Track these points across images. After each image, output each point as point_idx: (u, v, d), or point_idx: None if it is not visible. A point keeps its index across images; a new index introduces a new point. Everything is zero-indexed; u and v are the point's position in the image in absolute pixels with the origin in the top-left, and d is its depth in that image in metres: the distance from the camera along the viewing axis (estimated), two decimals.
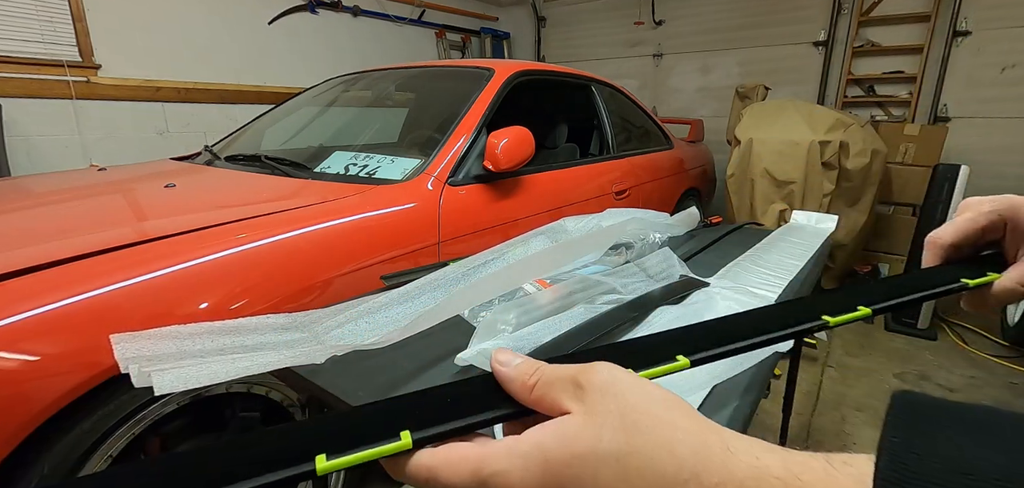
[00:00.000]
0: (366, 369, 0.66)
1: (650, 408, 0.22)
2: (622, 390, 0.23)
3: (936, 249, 0.41)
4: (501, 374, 0.26)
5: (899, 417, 0.19)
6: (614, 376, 0.24)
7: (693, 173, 3.03)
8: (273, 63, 3.71)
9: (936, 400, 0.20)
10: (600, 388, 0.23)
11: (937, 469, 0.17)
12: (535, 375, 0.25)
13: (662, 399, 0.23)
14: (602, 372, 0.24)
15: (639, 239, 1.05)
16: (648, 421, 0.22)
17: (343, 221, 1.24)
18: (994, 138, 3.42)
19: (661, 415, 0.22)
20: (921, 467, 0.17)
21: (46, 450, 0.82)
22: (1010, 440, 0.17)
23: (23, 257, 0.88)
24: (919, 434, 0.18)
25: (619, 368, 0.24)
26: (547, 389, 0.24)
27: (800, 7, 4.04)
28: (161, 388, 0.45)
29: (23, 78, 2.58)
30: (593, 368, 0.24)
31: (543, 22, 5.51)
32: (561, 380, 0.24)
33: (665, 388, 0.24)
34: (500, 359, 0.27)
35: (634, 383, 0.24)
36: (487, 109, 1.71)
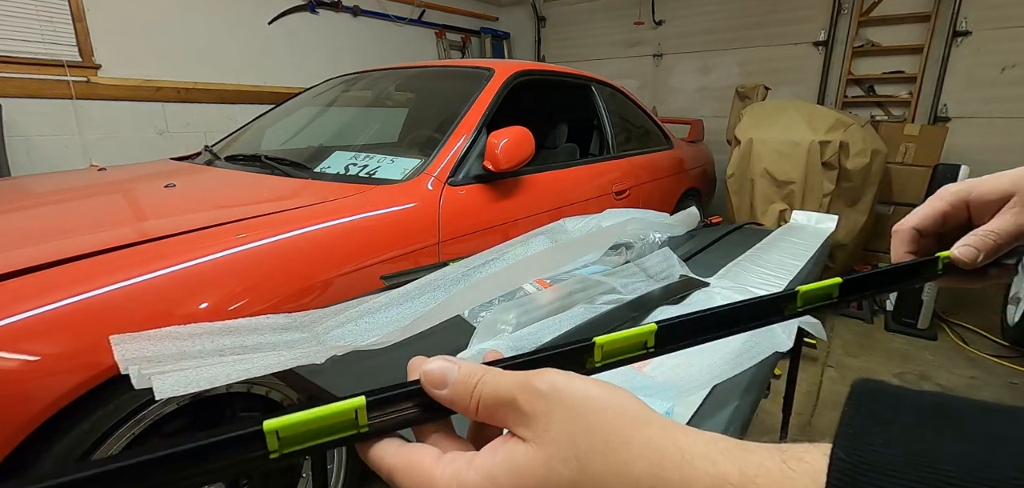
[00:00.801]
0: (366, 369, 0.66)
1: (602, 425, 0.21)
2: (568, 407, 0.21)
3: (901, 235, 0.42)
4: (440, 398, 0.24)
5: (856, 406, 0.18)
6: (557, 391, 0.22)
7: (693, 173, 3.03)
8: (273, 63, 3.71)
9: (895, 388, 0.19)
10: (544, 412, 0.21)
11: (892, 459, 0.16)
12: (475, 394, 0.23)
13: (613, 407, 0.21)
14: (544, 388, 0.22)
15: (639, 239, 1.05)
16: (600, 442, 0.20)
17: (343, 221, 1.24)
18: (994, 138, 3.42)
19: (613, 432, 0.20)
20: (876, 458, 0.16)
21: (46, 450, 0.82)
22: (968, 428, 0.16)
23: (23, 257, 0.88)
24: (876, 423, 0.17)
25: (561, 375, 0.22)
26: (492, 411, 0.23)
27: (800, 7, 4.04)
28: (162, 392, 0.45)
29: (23, 78, 2.58)
30: (534, 387, 0.22)
31: (543, 22, 5.51)
32: (503, 402, 0.23)
33: (610, 385, 0.22)
34: (432, 379, 0.24)
35: (579, 396, 0.21)
36: (487, 109, 1.71)
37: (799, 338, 1.69)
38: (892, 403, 0.18)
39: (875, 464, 0.16)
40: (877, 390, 0.19)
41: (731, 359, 0.64)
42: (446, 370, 0.24)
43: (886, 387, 0.19)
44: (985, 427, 0.16)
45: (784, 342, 0.69)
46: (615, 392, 0.22)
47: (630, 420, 0.21)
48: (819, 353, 2.40)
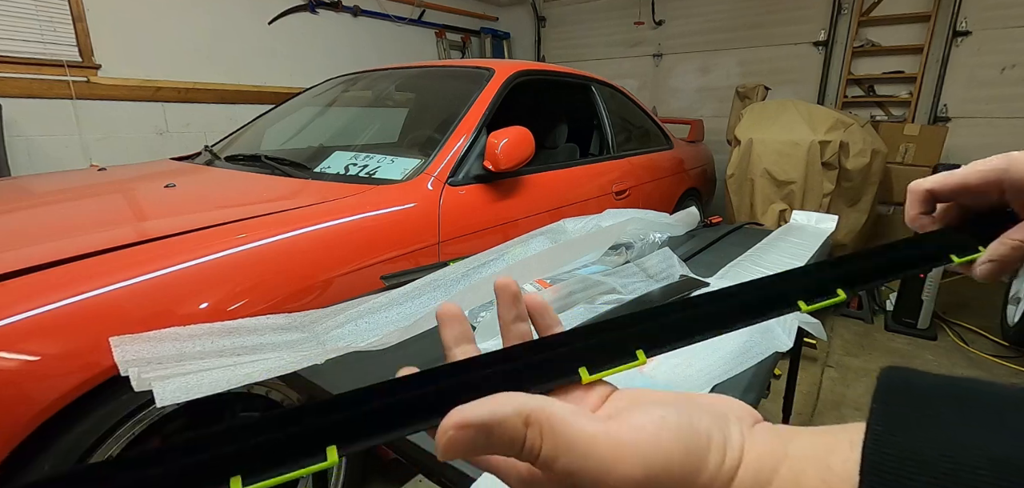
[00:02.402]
0: (366, 369, 0.66)
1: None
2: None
3: (915, 195, 0.38)
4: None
5: (884, 398, 0.19)
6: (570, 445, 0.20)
7: (693, 173, 3.03)
8: (273, 63, 3.71)
9: (925, 376, 0.19)
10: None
11: (926, 455, 0.16)
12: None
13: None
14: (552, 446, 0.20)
15: (639, 239, 1.05)
16: None
17: (343, 221, 1.24)
18: (994, 138, 3.42)
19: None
20: (906, 453, 0.16)
21: (46, 450, 0.83)
22: (1001, 419, 0.16)
23: (23, 257, 0.88)
24: (903, 417, 0.18)
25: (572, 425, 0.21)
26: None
27: (800, 7, 4.04)
28: (163, 399, 0.45)
29: (23, 78, 2.58)
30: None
31: (543, 22, 5.51)
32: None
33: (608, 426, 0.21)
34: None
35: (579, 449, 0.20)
36: (487, 109, 1.71)
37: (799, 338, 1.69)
38: (922, 394, 0.18)
39: (908, 458, 0.16)
40: (906, 380, 0.19)
41: (731, 359, 0.65)
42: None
43: (915, 376, 0.19)
44: (1008, 416, 0.16)
45: (784, 342, 0.69)
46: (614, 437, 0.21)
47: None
48: (819, 353, 2.40)
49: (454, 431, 0.19)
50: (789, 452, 0.20)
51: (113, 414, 0.88)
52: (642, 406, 0.22)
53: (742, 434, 0.21)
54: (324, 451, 0.20)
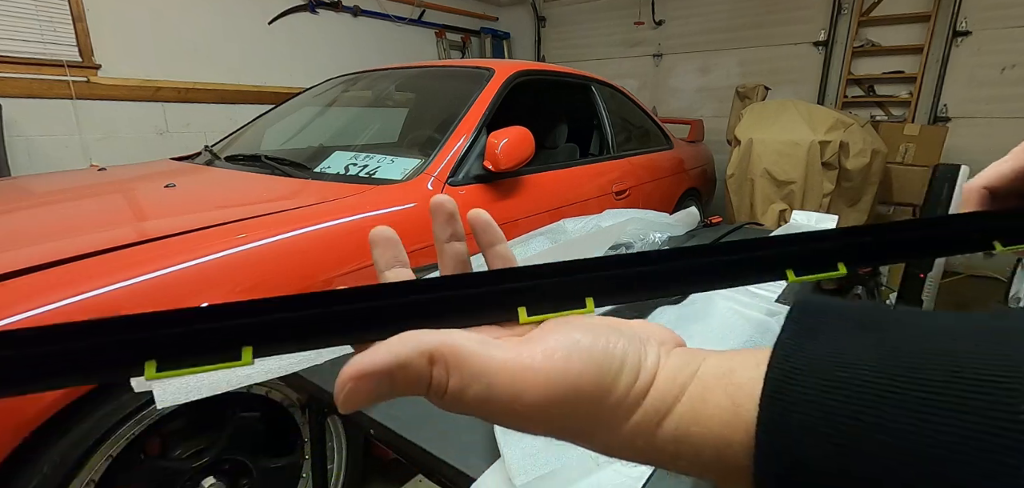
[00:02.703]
0: None
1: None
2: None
3: (971, 198, 0.33)
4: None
5: (793, 319, 0.20)
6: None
7: (693, 173, 3.03)
8: (273, 63, 3.71)
9: (829, 301, 0.20)
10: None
11: (819, 362, 0.17)
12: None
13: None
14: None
15: (639, 239, 1.05)
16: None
17: (343, 221, 1.24)
18: (994, 138, 3.42)
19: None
20: (806, 363, 0.18)
21: (46, 450, 0.83)
22: (887, 334, 0.17)
23: (23, 257, 0.88)
24: (807, 332, 0.19)
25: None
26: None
27: (800, 7, 4.04)
28: (163, 401, 0.45)
29: (23, 78, 2.58)
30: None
31: (543, 22, 5.51)
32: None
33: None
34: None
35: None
36: (487, 109, 1.71)
37: None
38: (822, 315, 0.19)
39: (803, 368, 0.17)
40: (811, 304, 0.20)
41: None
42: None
43: (820, 301, 0.20)
44: (894, 329, 0.18)
45: None
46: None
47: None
48: None
49: (353, 383, 0.18)
50: (700, 371, 0.21)
51: (113, 414, 0.88)
52: (559, 330, 0.21)
53: (658, 356, 0.22)
54: (239, 351, 0.20)
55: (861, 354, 0.17)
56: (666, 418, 0.20)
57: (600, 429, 0.21)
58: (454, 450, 0.52)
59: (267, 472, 1.13)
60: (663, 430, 0.20)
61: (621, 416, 0.20)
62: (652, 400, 0.20)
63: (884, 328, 0.18)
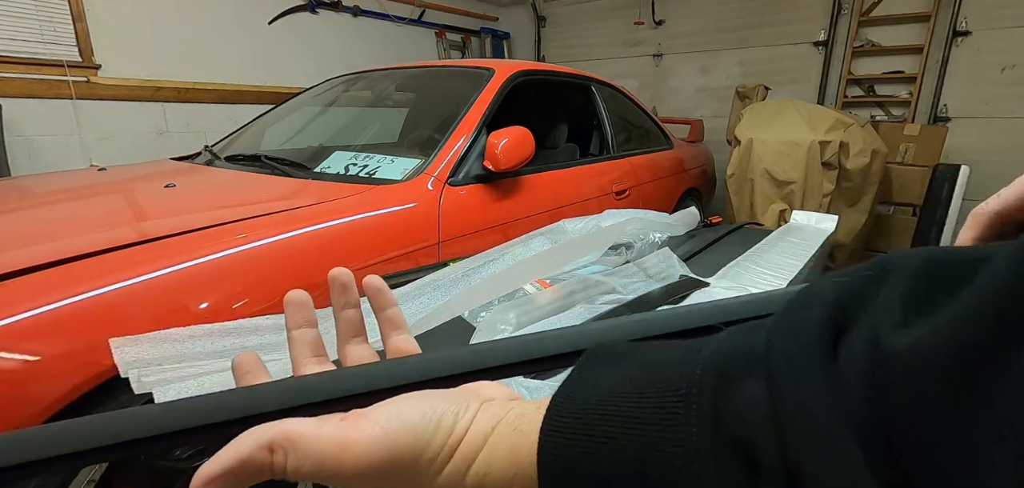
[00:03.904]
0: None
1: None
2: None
3: (978, 220, 0.33)
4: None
5: (580, 363, 0.24)
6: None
7: (693, 173, 3.03)
8: (273, 63, 3.71)
9: (611, 346, 0.24)
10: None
11: (583, 391, 0.22)
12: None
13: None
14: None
15: (639, 239, 1.05)
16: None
17: (343, 221, 1.24)
18: (994, 138, 3.42)
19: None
20: (575, 391, 0.22)
21: None
22: (630, 363, 0.22)
23: (23, 257, 0.88)
24: (584, 370, 0.23)
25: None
26: None
27: (800, 7, 4.04)
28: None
29: (23, 78, 2.58)
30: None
31: (543, 22, 5.51)
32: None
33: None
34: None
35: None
36: (487, 109, 1.71)
37: None
38: (599, 357, 0.24)
39: (572, 394, 0.22)
40: (594, 351, 0.25)
41: None
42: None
43: (603, 347, 0.25)
44: (643, 356, 0.22)
45: None
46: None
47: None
48: None
49: (205, 486, 0.21)
50: (501, 422, 0.24)
51: None
52: (390, 403, 0.24)
53: (475, 413, 0.24)
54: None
55: (609, 383, 0.21)
56: (469, 470, 0.23)
57: (416, 485, 0.23)
58: None
59: None
60: (467, 480, 0.23)
61: (433, 473, 0.23)
62: (459, 454, 0.23)
63: (632, 358, 0.23)
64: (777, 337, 0.18)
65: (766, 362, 0.18)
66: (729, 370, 0.18)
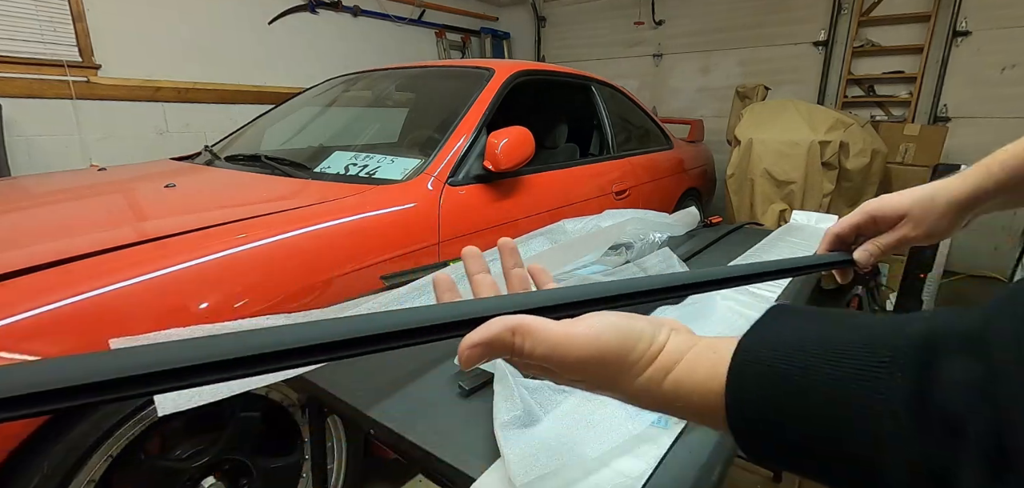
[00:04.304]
0: (366, 369, 0.66)
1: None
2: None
3: (828, 238, 0.61)
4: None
5: (765, 314, 0.29)
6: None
7: (693, 173, 3.03)
8: (273, 63, 3.71)
9: (797, 307, 0.30)
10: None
11: (769, 338, 0.27)
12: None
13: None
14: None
15: (639, 239, 1.05)
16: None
17: (343, 221, 1.24)
18: (994, 138, 3.41)
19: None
20: (761, 337, 0.28)
21: (46, 450, 0.83)
22: (822, 322, 0.26)
23: (24, 257, 0.88)
24: (770, 321, 0.29)
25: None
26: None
27: (800, 7, 4.04)
28: (164, 408, 0.45)
29: (23, 78, 2.58)
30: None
31: (543, 22, 5.51)
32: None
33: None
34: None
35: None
36: (487, 109, 1.71)
37: None
38: (785, 313, 0.29)
39: (760, 341, 0.28)
40: (780, 307, 0.30)
41: None
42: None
43: (789, 307, 0.30)
44: (837, 320, 0.26)
45: None
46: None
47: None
48: None
49: (467, 350, 0.29)
50: (696, 346, 0.31)
51: (113, 414, 0.88)
52: (601, 314, 0.32)
53: (668, 334, 0.32)
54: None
55: (800, 334, 0.26)
56: (667, 376, 0.30)
57: (621, 380, 0.30)
58: (454, 450, 0.52)
59: (267, 472, 1.13)
60: (665, 384, 0.30)
61: (635, 374, 0.30)
62: (658, 363, 0.30)
63: (818, 320, 0.27)
64: (999, 322, 0.20)
65: (985, 343, 0.19)
66: (940, 346, 0.20)
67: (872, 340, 0.22)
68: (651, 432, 0.53)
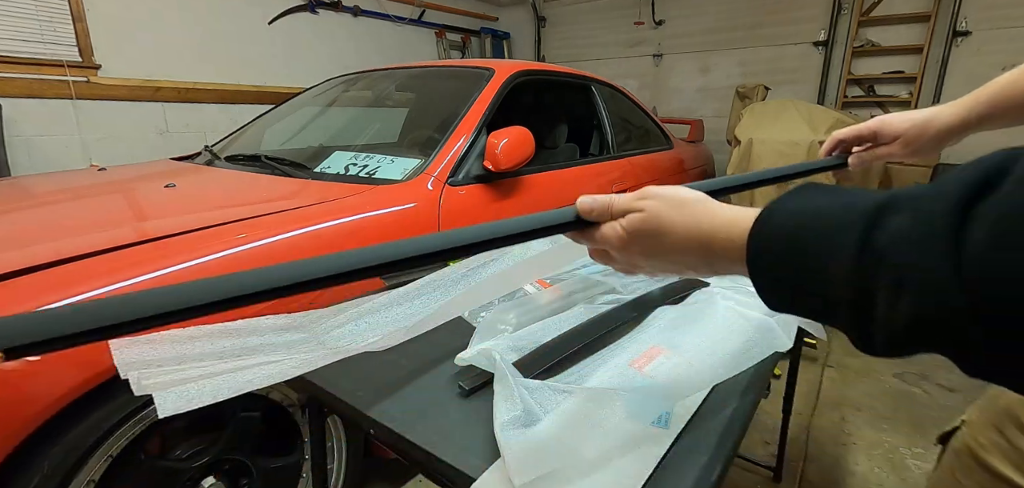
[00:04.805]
0: (366, 369, 0.66)
1: (671, 199, 0.44)
2: (655, 196, 0.44)
3: (832, 140, 0.77)
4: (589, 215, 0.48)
5: (790, 190, 0.35)
6: (651, 194, 0.45)
7: (693, 173, 3.03)
8: (273, 63, 3.71)
9: (819, 185, 0.35)
10: (645, 203, 0.45)
11: (787, 205, 0.34)
12: (610, 208, 0.47)
13: (676, 196, 0.44)
14: (645, 194, 0.45)
15: None
16: (673, 207, 0.43)
17: (343, 221, 1.24)
18: (993, 137, 3.41)
19: (678, 203, 0.43)
20: (781, 205, 0.35)
21: (46, 450, 0.83)
22: (834, 195, 0.32)
23: (24, 257, 0.88)
24: (790, 194, 0.35)
25: (651, 188, 0.45)
26: (621, 211, 0.46)
27: (800, 7, 4.04)
28: (164, 411, 0.45)
29: (23, 78, 2.58)
30: (640, 195, 0.45)
31: (543, 22, 5.51)
32: (625, 206, 0.46)
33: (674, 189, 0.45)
34: (583, 208, 0.48)
35: (660, 193, 0.44)
36: (487, 109, 1.71)
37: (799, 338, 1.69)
38: (805, 188, 0.35)
39: (778, 207, 0.35)
40: (801, 186, 0.36)
41: (731, 360, 0.65)
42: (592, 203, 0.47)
43: (809, 184, 0.35)
44: (841, 192, 0.33)
45: (784, 342, 0.69)
46: (678, 191, 0.44)
47: (683, 205, 0.43)
48: (819, 353, 2.40)
49: (584, 205, 0.46)
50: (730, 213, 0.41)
51: (113, 414, 0.88)
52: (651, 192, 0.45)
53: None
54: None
55: (818, 202, 0.33)
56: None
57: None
58: (454, 450, 0.52)
59: (267, 472, 1.13)
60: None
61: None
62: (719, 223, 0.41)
63: (831, 194, 0.33)
64: (930, 190, 0.27)
65: (917, 203, 0.27)
66: (890, 206, 0.28)
67: (850, 206, 0.30)
68: (651, 432, 0.53)
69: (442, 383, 0.63)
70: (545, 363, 0.63)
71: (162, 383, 0.48)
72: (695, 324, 0.74)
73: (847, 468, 1.67)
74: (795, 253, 0.32)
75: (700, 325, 0.74)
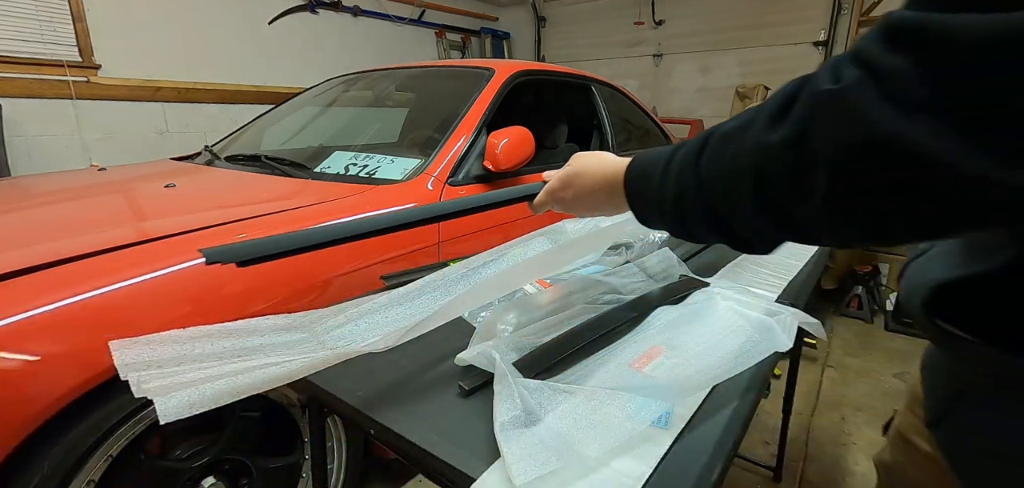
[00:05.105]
0: (366, 369, 0.66)
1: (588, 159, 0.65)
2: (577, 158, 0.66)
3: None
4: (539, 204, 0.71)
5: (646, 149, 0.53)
6: (575, 158, 0.67)
7: None
8: (273, 63, 3.71)
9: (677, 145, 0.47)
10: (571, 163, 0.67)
11: (642, 155, 0.53)
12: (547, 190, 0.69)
13: (595, 156, 0.64)
14: (570, 162, 0.67)
15: (639, 239, 1.05)
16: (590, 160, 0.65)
17: (343, 221, 1.24)
18: None
19: (593, 159, 0.65)
20: (640, 155, 0.54)
21: (46, 450, 0.83)
22: (668, 147, 0.48)
23: (23, 257, 0.88)
24: (646, 150, 0.51)
25: (577, 154, 0.66)
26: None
27: (800, 7, 4.04)
28: (165, 416, 0.45)
29: (23, 78, 2.58)
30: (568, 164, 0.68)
31: (543, 22, 5.51)
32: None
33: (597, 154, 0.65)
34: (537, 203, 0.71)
35: (582, 155, 0.65)
36: (487, 109, 1.71)
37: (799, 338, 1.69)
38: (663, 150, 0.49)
39: (639, 155, 0.55)
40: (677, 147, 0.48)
41: (731, 359, 0.65)
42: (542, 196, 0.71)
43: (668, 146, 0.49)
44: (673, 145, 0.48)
45: (784, 342, 0.69)
46: (597, 153, 0.64)
47: (599, 158, 0.64)
48: (819, 353, 2.40)
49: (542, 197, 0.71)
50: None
51: (113, 414, 0.89)
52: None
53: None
54: None
55: (654, 150, 0.50)
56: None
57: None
58: (454, 450, 0.52)
59: (267, 472, 1.13)
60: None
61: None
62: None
63: (668, 147, 0.47)
64: (824, 71, 0.33)
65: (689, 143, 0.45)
66: (799, 93, 0.34)
67: (670, 148, 0.46)
68: (651, 432, 0.53)
69: (442, 383, 0.63)
70: (545, 363, 0.63)
71: (163, 386, 0.48)
72: (695, 324, 0.74)
73: (847, 468, 1.67)
74: (641, 180, 0.51)
75: (700, 325, 0.74)
